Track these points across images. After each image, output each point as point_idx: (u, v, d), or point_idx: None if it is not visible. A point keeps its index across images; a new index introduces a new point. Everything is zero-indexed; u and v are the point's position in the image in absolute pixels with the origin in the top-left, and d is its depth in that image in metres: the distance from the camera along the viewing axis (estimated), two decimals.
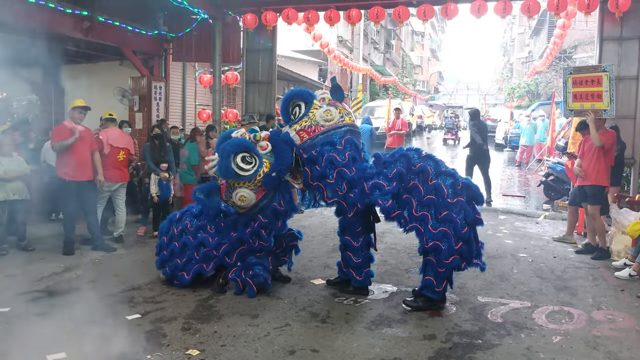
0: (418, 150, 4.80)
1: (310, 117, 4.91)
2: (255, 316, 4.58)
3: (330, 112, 4.89)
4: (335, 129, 4.89)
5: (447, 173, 4.63)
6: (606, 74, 6.86)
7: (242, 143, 4.93)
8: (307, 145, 4.88)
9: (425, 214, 4.57)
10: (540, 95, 29.38)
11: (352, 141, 4.90)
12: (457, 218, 4.46)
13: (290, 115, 5.09)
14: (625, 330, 4.37)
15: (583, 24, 17.87)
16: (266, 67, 11.27)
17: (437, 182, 4.55)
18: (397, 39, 44.79)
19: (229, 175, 4.87)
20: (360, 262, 5.09)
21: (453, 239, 4.46)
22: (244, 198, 4.91)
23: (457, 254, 4.50)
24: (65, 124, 6.66)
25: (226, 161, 4.85)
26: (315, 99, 5.04)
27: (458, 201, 4.51)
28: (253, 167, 4.88)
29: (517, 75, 44.08)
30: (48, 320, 4.46)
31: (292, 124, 4.99)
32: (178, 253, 5.29)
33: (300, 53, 23.33)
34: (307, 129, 4.90)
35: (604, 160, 6.68)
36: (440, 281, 4.62)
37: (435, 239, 4.49)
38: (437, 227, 4.50)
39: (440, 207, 4.51)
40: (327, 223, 8.73)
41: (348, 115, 5.07)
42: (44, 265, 6.02)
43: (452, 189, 4.54)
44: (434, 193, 4.54)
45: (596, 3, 8.80)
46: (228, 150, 4.87)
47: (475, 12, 9.35)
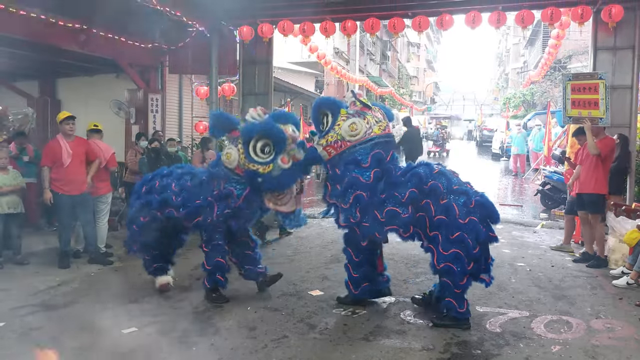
0: (429, 166, 4.64)
1: (336, 130, 4.66)
2: (253, 328, 4.55)
3: (355, 126, 4.61)
4: (362, 144, 4.62)
5: (459, 191, 4.45)
6: (602, 81, 6.90)
7: (280, 136, 4.71)
8: (335, 162, 4.70)
9: (436, 235, 4.42)
10: (536, 105, 29.52)
11: (379, 157, 4.60)
12: (469, 238, 4.31)
13: (321, 125, 4.85)
14: (624, 339, 4.36)
15: (577, 34, 18.01)
16: (263, 79, 11.29)
17: (449, 201, 4.39)
18: (393, 50, 45.04)
19: (251, 133, 4.72)
20: (357, 277, 4.96)
21: (465, 260, 4.33)
22: (229, 155, 4.85)
23: (469, 274, 4.41)
24: (57, 139, 6.64)
25: (264, 126, 4.72)
26: (342, 107, 4.76)
27: (470, 221, 4.33)
28: (266, 158, 4.71)
29: (512, 85, 44.36)
30: (43, 335, 4.42)
31: (321, 138, 4.79)
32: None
33: (297, 65, 23.42)
34: (333, 145, 4.67)
35: (602, 168, 6.64)
36: (460, 301, 4.47)
37: (446, 261, 4.35)
38: (449, 249, 4.34)
39: (451, 228, 4.34)
40: (324, 234, 8.71)
41: (378, 123, 4.73)
42: (40, 278, 5.99)
43: (464, 208, 4.37)
44: (444, 213, 4.37)
45: (589, 13, 8.88)
46: (269, 126, 4.71)
47: (470, 23, 9.42)
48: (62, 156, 6.49)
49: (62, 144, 6.55)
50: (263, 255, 7.13)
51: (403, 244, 7.77)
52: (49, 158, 6.52)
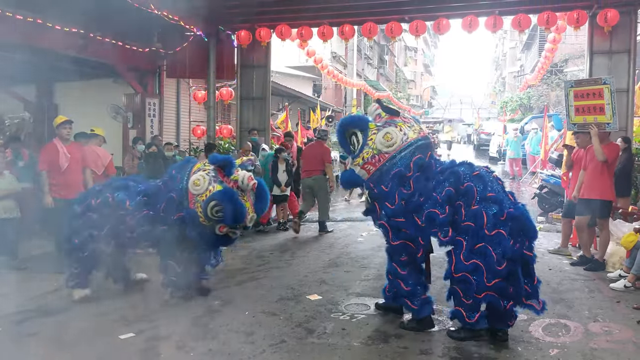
0: (471, 166, 4.35)
1: (370, 146, 4.44)
2: (251, 333, 4.54)
3: (390, 135, 4.39)
4: (401, 152, 4.38)
5: (493, 199, 4.10)
6: (607, 86, 6.76)
7: (238, 219, 4.99)
8: (376, 178, 4.45)
9: (460, 241, 4.14)
10: (533, 109, 29.61)
11: (420, 162, 4.38)
12: (494, 252, 3.98)
13: (350, 145, 4.64)
14: (622, 342, 4.35)
15: (573, 38, 18.12)
16: (260, 83, 11.33)
17: (479, 208, 4.08)
18: (390, 54, 45.12)
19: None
20: (411, 290, 4.58)
21: (485, 274, 3.99)
22: (198, 182, 4.94)
23: (491, 291, 4.02)
24: (54, 142, 6.63)
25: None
26: (369, 122, 4.58)
27: (497, 234, 4.00)
28: (212, 216, 4.91)
29: (509, 89, 44.48)
30: (39, 340, 4.39)
31: (355, 157, 4.56)
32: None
33: (295, 69, 23.44)
34: (370, 161, 4.44)
35: (608, 173, 6.57)
36: (470, 310, 4.15)
37: (465, 271, 4.07)
38: (470, 259, 4.05)
39: (476, 237, 4.06)
40: (322, 238, 8.71)
41: (411, 128, 4.53)
42: (36, 284, 5.95)
43: (493, 218, 4.03)
44: (472, 219, 4.08)
45: (585, 17, 8.93)
46: (240, 211, 4.98)
47: (466, 27, 9.47)
48: (59, 160, 6.48)
49: (59, 148, 6.54)
50: (259, 259, 7.13)
51: None
52: (46, 162, 6.50)
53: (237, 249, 7.83)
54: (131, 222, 5.17)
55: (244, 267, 6.80)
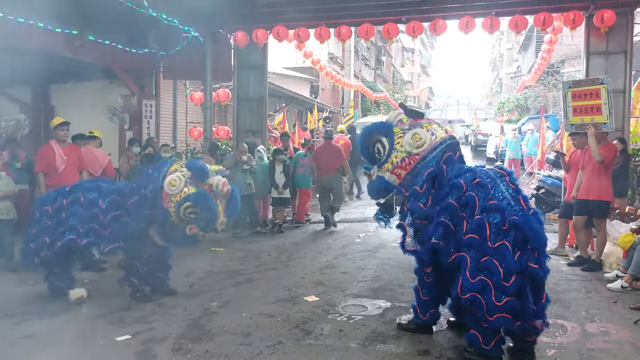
0: (474, 173, 4.04)
1: (398, 149, 4.26)
2: (248, 335, 4.52)
3: (418, 136, 4.20)
4: (432, 152, 4.19)
5: (494, 207, 3.78)
6: (604, 86, 6.78)
7: (209, 216, 5.05)
8: (408, 182, 4.23)
9: (464, 257, 3.81)
10: (530, 110, 29.67)
11: (451, 160, 4.21)
12: (500, 266, 3.63)
13: (375, 154, 4.46)
14: (619, 342, 4.35)
15: (570, 39, 18.16)
16: (257, 84, 11.32)
17: (482, 218, 3.77)
18: (387, 56, 45.16)
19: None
20: (427, 300, 4.43)
21: (494, 292, 3.62)
22: (173, 182, 5.01)
23: (503, 312, 3.60)
24: (51, 144, 6.61)
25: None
26: (393, 127, 4.40)
27: (500, 245, 3.67)
28: (184, 217, 4.99)
29: (506, 90, 44.59)
30: (35, 342, 4.37)
31: (382, 164, 4.37)
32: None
33: (292, 70, 23.44)
34: (401, 165, 4.24)
35: (605, 174, 6.58)
36: (487, 336, 3.75)
37: (472, 290, 3.68)
38: (476, 276, 3.69)
39: (481, 251, 3.73)
40: (319, 239, 8.70)
41: (438, 127, 4.38)
42: (32, 286, 5.93)
43: (495, 228, 3.71)
44: (477, 231, 3.76)
45: (581, 18, 8.95)
46: (213, 212, 5.07)
47: (463, 28, 9.47)
48: (55, 162, 6.46)
49: (56, 149, 6.52)
50: (256, 260, 7.13)
51: (398, 248, 7.81)
52: (43, 163, 6.47)
53: (234, 251, 7.83)
54: (104, 220, 5.23)
55: (241, 269, 6.79)
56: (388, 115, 4.71)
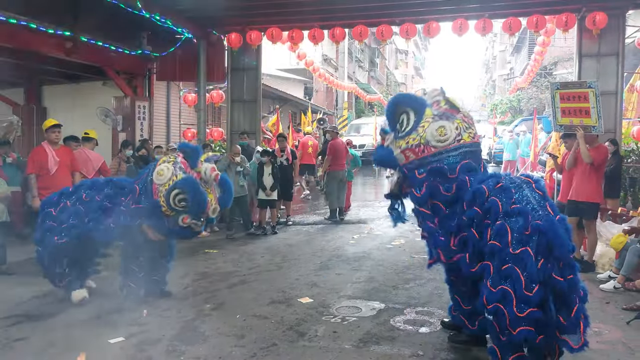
0: (497, 178, 3.86)
1: (420, 133, 3.97)
2: (242, 337, 4.52)
3: (444, 130, 3.92)
4: (450, 152, 3.94)
5: (517, 212, 3.53)
6: (592, 90, 6.79)
7: (200, 207, 4.97)
8: (414, 165, 4.04)
9: (487, 265, 3.57)
10: (523, 111, 29.82)
11: (469, 167, 3.96)
12: (522, 275, 3.34)
13: (397, 123, 4.14)
14: (612, 342, 4.37)
15: (562, 41, 18.27)
16: (251, 86, 11.31)
17: (502, 223, 3.52)
18: (381, 57, 45.25)
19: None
20: (471, 309, 4.11)
21: (515, 302, 3.32)
22: (162, 172, 4.95)
23: (526, 325, 3.30)
24: (43, 146, 6.57)
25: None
26: (426, 106, 4.06)
27: (522, 252, 3.39)
28: (175, 206, 4.90)
29: (499, 92, 44.77)
30: (28, 345, 4.35)
31: (398, 139, 4.10)
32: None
33: (286, 71, 23.45)
34: (414, 149, 3.99)
35: (596, 176, 6.60)
36: (505, 351, 3.47)
37: (494, 301, 3.41)
38: (498, 285, 3.42)
39: (502, 258, 3.47)
40: (313, 241, 8.69)
41: (467, 130, 4.05)
42: (25, 289, 5.88)
43: (517, 233, 3.45)
44: (497, 237, 3.52)
45: (574, 21, 9.00)
46: (200, 197, 4.93)
47: (456, 31, 9.51)
48: (48, 163, 6.42)
49: (48, 151, 6.49)
50: (250, 262, 7.12)
51: (393, 250, 7.86)
52: (35, 165, 6.43)
53: (228, 252, 7.81)
54: (103, 214, 5.20)
55: (235, 271, 6.77)
56: (429, 91, 4.31)
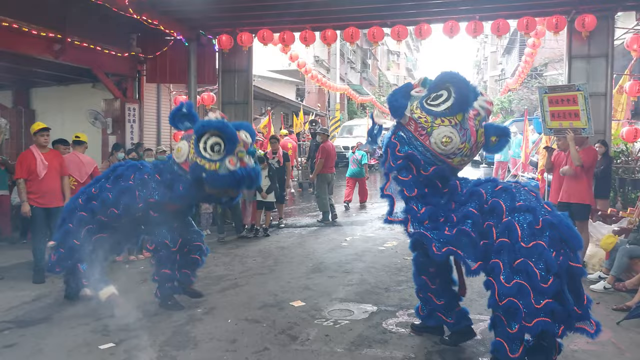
0: (494, 182, 3.96)
1: (431, 122, 3.91)
2: (233, 341, 4.49)
3: (448, 142, 3.89)
4: (433, 156, 3.99)
5: (524, 208, 3.64)
6: (580, 92, 6.82)
7: (232, 136, 4.66)
8: (403, 136, 4.06)
9: (497, 263, 3.62)
10: (514, 112, 29.94)
11: (439, 173, 4.04)
12: (537, 267, 3.45)
13: (433, 92, 3.99)
14: (602, 343, 4.39)
15: (553, 42, 18.35)
16: (242, 88, 11.28)
17: (510, 220, 3.62)
18: (373, 59, 45.32)
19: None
20: (444, 302, 4.36)
21: (532, 294, 3.43)
22: (179, 149, 4.85)
23: (543, 315, 3.42)
24: (31, 150, 6.50)
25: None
26: (465, 111, 3.94)
27: (536, 245, 3.50)
28: (215, 156, 4.64)
29: (490, 93, 44.87)
30: (17, 352, 4.30)
31: (420, 105, 3.99)
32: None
33: (277, 73, 23.41)
34: (418, 125, 3.97)
35: (586, 177, 6.63)
36: (514, 345, 3.56)
37: (509, 295, 3.50)
38: (511, 280, 3.51)
39: (514, 253, 3.56)
40: (306, 243, 8.67)
41: (464, 157, 4.06)
42: (14, 294, 5.84)
43: (529, 228, 3.55)
44: (506, 234, 3.62)
45: (564, 22, 9.05)
46: (223, 125, 4.66)
47: (447, 32, 9.53)
48: (37, 168, 6.36)
49: (37, 155, 6.42)
50: (242, 265, 7.08)
51: (385, 252, 7.85)
52: (24, 170, 6.36)
53: (220, 256, 7.77)
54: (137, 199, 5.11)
55: (227, 274, 6.74)
56: (484, 98, 4.19)
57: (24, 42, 8.05)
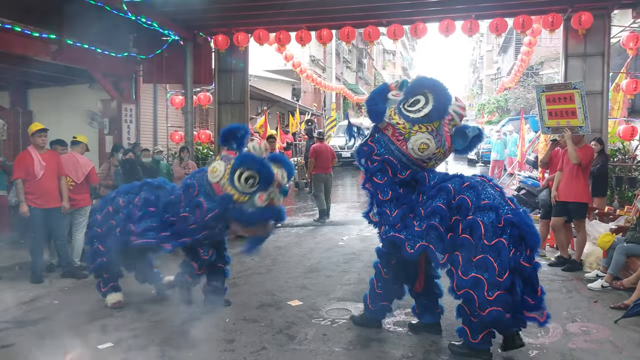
0: (461, 178, 4.15)
1: (409, 128, 4.08)
2: (231, 341, 4.49)
3: (425, 148, 4.08)
4: (410, 161, 4.20)
5: (488, 207, 3.85)
6: (577, 91, 6.83)
7: (268, 175, 4.59)
8: (380, 137, 4.26)
9: (457, 255, 3.91)
10: (510, 111, 29.97)
11: (416, 176, 4.25)
12: (495, 263, 3.73)
13: (411, 96, 4.14)
14: (600, 341, 4.41)
15: (549, 41, 18.41)
16: (238, 88, 11.28)
17: (474, 217, 3.84)
18: (368, 58, 45.35)
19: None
20: (381, 293, 4.59)
21: (487, 287, 3.73)
22: (215, 170, 4.74)
23: (495, 306, 3.73)
24: (29, 150, 6.49)
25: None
26: (448, 108, 4.13)
27: (497, 242, 3.76)
28: (247, 189, 4.58)
29: (486, 92, 44.98)
30: (15, 352, 4.29)
31: (398, 109, 4.15)
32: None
33: (273, 73, 23.41)
34: (395, 131, 4.14)
35: (583, 176, 6.66)
36: (475, 331, 3.91)
37: (465, 287, 3.82)
38: (469, 273, 3.81)
39: (474, 249, 3.81)
40: (303, 243, 8.68)
41: (437, 161, 4.29)
42: (12, 294, 5.82)
43: (492, 227, 3.79)
44: (468, 231, 3.86)
45: (560, 21, 9.08)
46: (263, 163, 4.58)
47: (443, 31, 9.55)
48: (34, 168, 6.34)
49: (34, 155, 6.41)
50: (240, 265, 7.09)
51: None
52: (21, 170, 6.35)
53: None
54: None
55: None
56: (457, 103, 4.31)
57: (20, 43, 8.01)
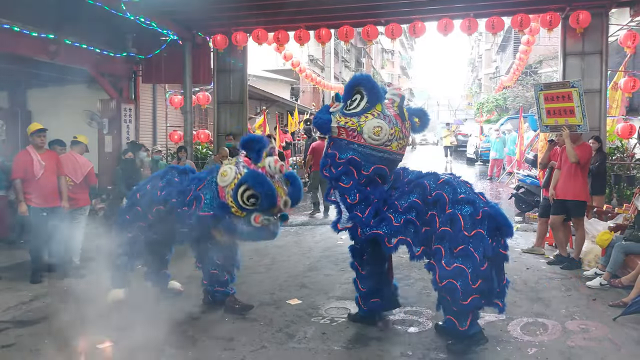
0: (436, 175, 4.33)
1: (360, 121, 4.22)
2: (230, 340, 4.50)
3: (380, 131, 4.19)
4: (374, 150, 4.26)
5: (465, 200, 4.04)
6: (575, 89, 6.84)
7: (270, 201, 4.56)
8: (338, 144, 4.37)
9: (439, 248, 4.04)
10: (509, 110, 29.98)
11: (382, 174, 4.37)
12: (476, 253, 3.90)
13: (350, 99, 4.36)
14: (599, 339, 4.42)
15: (547, 39, 18.44)
16: (237, 87, 11.29)
17: (453, 211, 4.01)
18: (367, 57, 45.38)
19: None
20: (366, 291, 4.71)
21: (470, 276, 3.89)
22: (225, 174, 4.69)
23: (476, 294, 3.92)
24: (28, 150, 6.49)
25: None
26: (380, 101, 4.31)
27: (477, 233, 3.94)
28: (245, 205, 4.55)
29: (485, 91, 44.99)
30: (15, 353, 4.29)
31: (343, 114, 4.33)
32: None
33: (272, 72, 23.41)
34: (349, 131, 4.27)
35: (582, 174, 6.67)
36: (461, 318, 4.03)
37: (448, 277, 3.94)
38: (452, 264, 3.94)
39: (455, 240, 3.96)
40: (302, 242, 8.69)
41: (399, 140, 4.34)
42: (11, 294, 5.82)
43: (470, 219, 3.97)
44: (449, 224, 4.00)
45: (558, 20, 9.09)
46: (269, 189, 4.50)
47: (442, 30, 9.56)
48: (33, 168, 6.35)
49: (33, 155, 6.42)
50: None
51: None
52: (20, 170, 6.36)
53: None
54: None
55: None
56: (392, 86, 4.63)
57: (19, 43, 8.02)
